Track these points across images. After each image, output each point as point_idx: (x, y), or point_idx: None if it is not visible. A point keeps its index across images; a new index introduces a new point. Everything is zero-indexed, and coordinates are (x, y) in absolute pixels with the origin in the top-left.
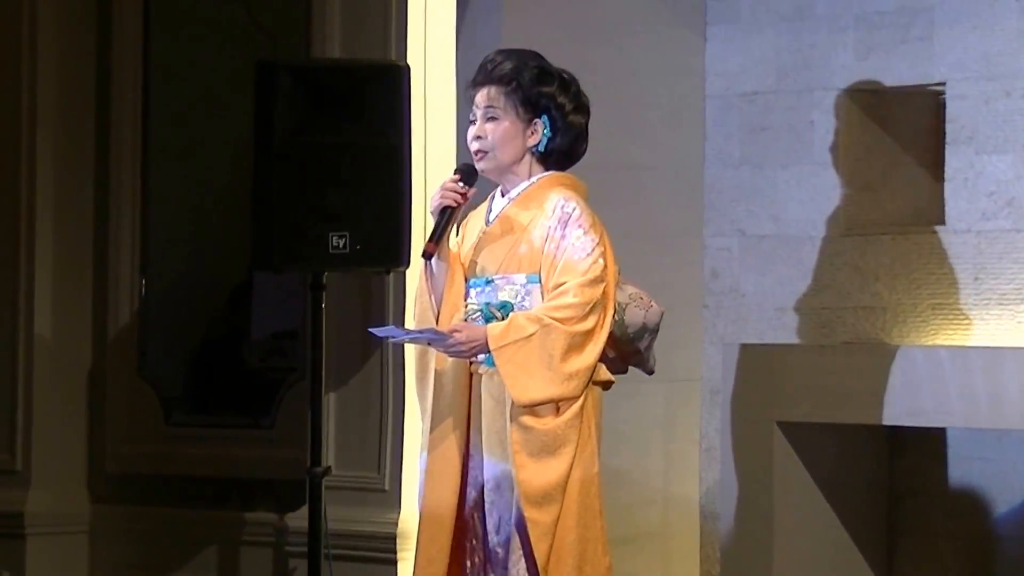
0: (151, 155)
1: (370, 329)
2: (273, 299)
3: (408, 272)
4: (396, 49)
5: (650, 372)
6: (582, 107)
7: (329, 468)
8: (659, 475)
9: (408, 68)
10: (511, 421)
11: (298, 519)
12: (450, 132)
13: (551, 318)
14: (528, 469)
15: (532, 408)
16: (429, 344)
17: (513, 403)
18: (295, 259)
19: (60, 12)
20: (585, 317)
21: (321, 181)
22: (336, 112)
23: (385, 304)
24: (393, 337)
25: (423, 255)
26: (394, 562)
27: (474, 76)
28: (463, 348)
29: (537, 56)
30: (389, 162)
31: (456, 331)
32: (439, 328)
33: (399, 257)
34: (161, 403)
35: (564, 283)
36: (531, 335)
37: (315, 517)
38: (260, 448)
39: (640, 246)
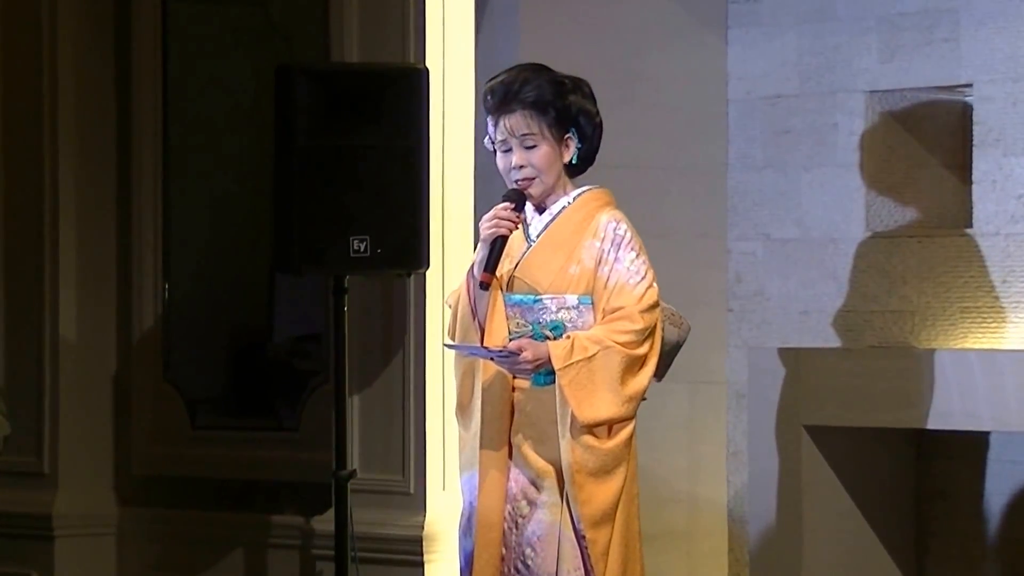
0: (172, 160)
1: (445, 343)
2: (296, 302)
3: (428, 274)
4: (415, 52)
5: (659, 379)
6: (598, 109)
7: (354, 471)
8: (683, 476)
9: (427, 71)
10: (572, 439)
11: (324, 522)
12: (468, 135)
13: (612, 340)
14: (587, 489)
15: (591, 428)
16: (492, 360)
17: (571, 422)
18: (317, 263)
19: (79, 21)
20: (642, 343)
21: (341, 184)
22: (355, 115)
23: (406, 306)
24: (465, 352)
25: (481, 287)
26: (420, 564)
27: (491, 102)
28: (528, 366)
29: (544, 67)
30: (408, 165)
31: (523, 349)
32: (508, 346)
33: (419, 260)
34: (186, 406)
35: (622, 307)
36: (593, 355)
37: (341, 520)
38: (285, 451)
39: (664, 250)
